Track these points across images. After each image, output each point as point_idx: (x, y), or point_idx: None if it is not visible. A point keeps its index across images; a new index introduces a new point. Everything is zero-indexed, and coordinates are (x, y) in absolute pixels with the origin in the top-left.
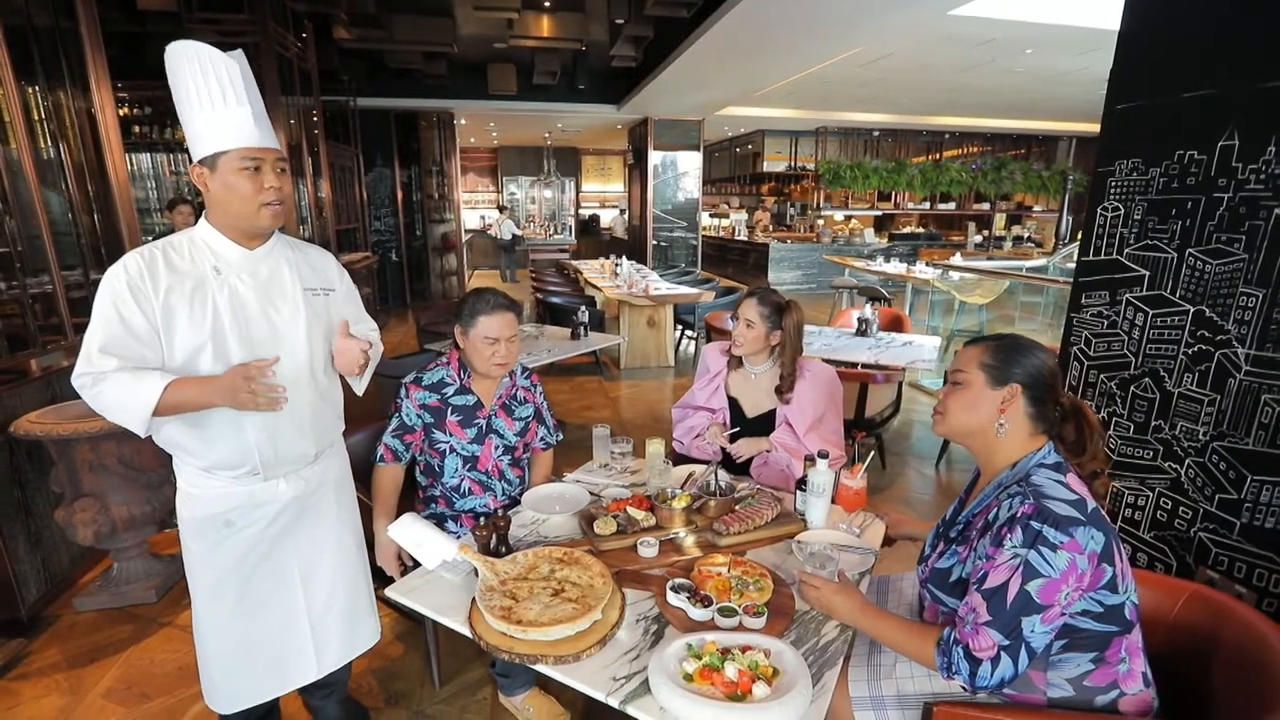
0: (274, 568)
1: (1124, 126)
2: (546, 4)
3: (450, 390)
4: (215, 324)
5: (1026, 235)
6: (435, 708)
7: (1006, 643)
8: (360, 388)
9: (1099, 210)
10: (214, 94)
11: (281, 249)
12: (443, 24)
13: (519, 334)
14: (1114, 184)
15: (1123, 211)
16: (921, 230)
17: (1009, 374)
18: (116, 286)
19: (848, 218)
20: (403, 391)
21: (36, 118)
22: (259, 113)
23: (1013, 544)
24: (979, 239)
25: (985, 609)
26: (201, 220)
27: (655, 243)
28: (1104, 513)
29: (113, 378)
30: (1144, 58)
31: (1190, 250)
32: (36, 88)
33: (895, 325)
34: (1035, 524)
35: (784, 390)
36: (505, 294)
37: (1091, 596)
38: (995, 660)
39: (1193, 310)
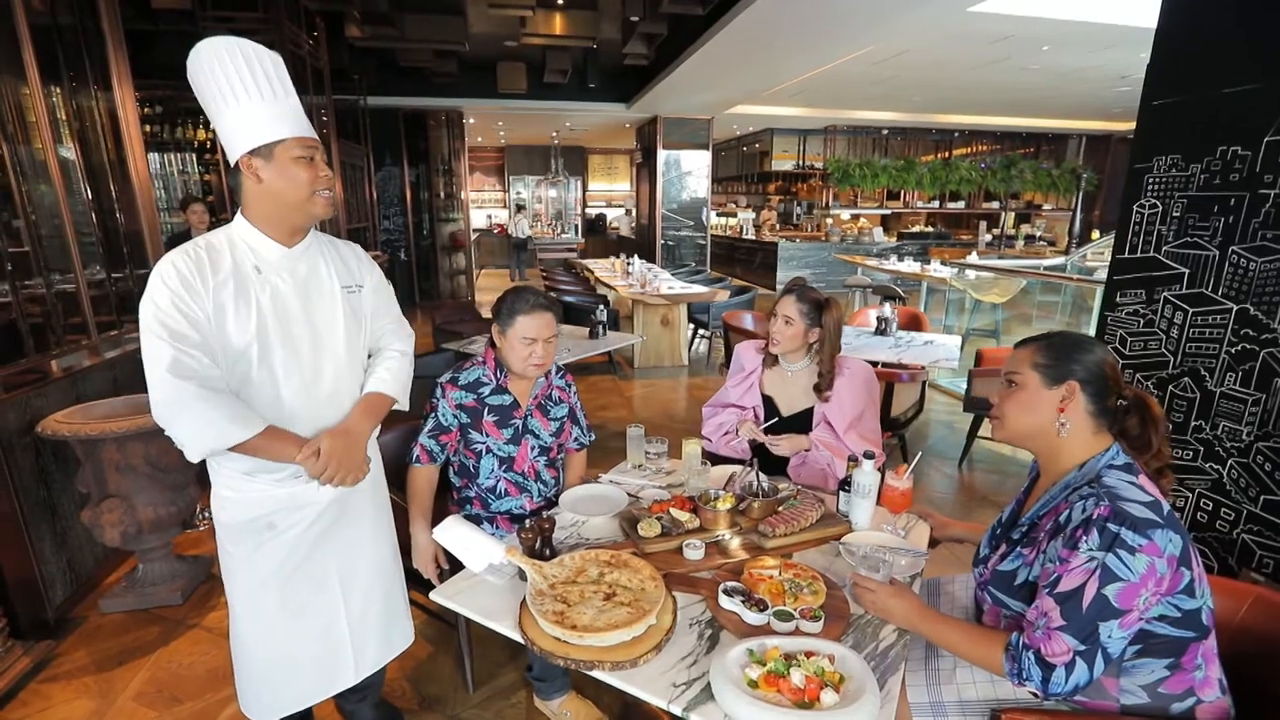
0: (313, 571)
1: (1162, 122)
2: (560, 1)
3: (486, 390)
4: (260, 324)
5: (1038, 234)
6: (470, 711)
7: (1083, 648)
8: (403, 402)
9: (1135, 207)
10: (261, 86)
11: (318, 246)
12: (455, 22)
13: (556, 334)
14: (1151, 180)
15: (1160, 208)
16: (930, 229)
17: (1065, 371)
18: (172, 285)
19: (855, 216)
20: (439, 391)
21: (61, 117)
22: (299, 104)
23: (1089, 547)
24: (989, 238)
25: (1059, 613)
26: (239, 218)
27: (664, 242)
28: (1178, 515)
29: (207, 405)
30: (1183, 52)
31: (1233, 247)
32: (60, 87)
33: (914, 324)
34: (1113, 526)
35: (823, 389)
36: (544, 293)
37: (1169, 601)
38: (1070, 666)
39: (1236, 308)
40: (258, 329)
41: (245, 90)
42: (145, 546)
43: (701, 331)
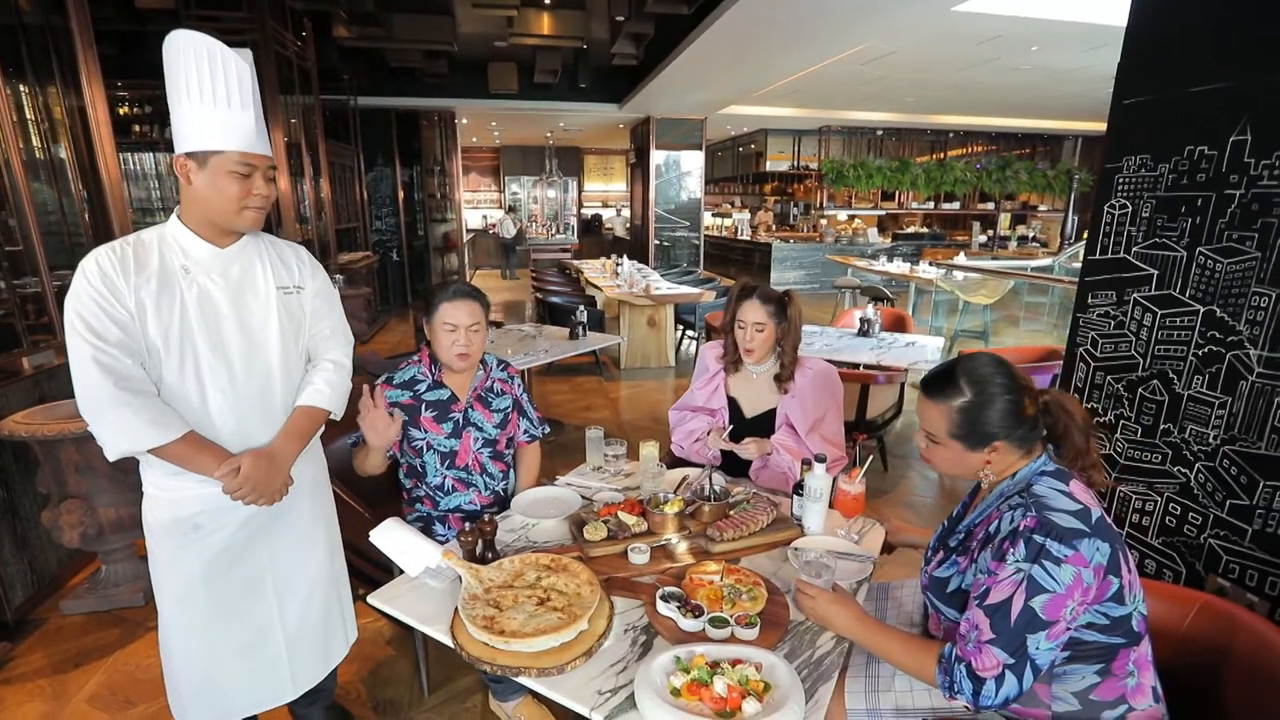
0: (245, 575)
1: (1132, 122)
2: (547, 1)
3: (423, 386)
4: (183, 323)
5: (1032, 235)
6: (424, 715)
7: (1011, 661)
8: (339, 413)
9: (1105, 208)
10: (218, 91)
11: (255, 246)
12: (442, 22)
13: (483, 325)
14: (1121, 181)
15: (1130, 209)
16: (925, 230)
17: (985, 437)
18: (94, 282)
19: (851, 217)
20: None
21: (29, 117)
22: (259, 118)
23: (1015, 559)
24: (983, 239)
25: (988, 626)
26: (173, 216)
27: (658, 242)
28: (1109, 521)
29: (124, 408)
30: (1152, 50)
31: (1200, 248)
32: (25, 86)
33: (898, 325)
34: (1038, 538)
35: (784, 379)
36: (473, 285)
37: (1096, 609)
38: (1000, 679)
39: (1203, 310)
40: (180, 328)
41: (200, 92)
42: (107, 548)
43: (689, 333)
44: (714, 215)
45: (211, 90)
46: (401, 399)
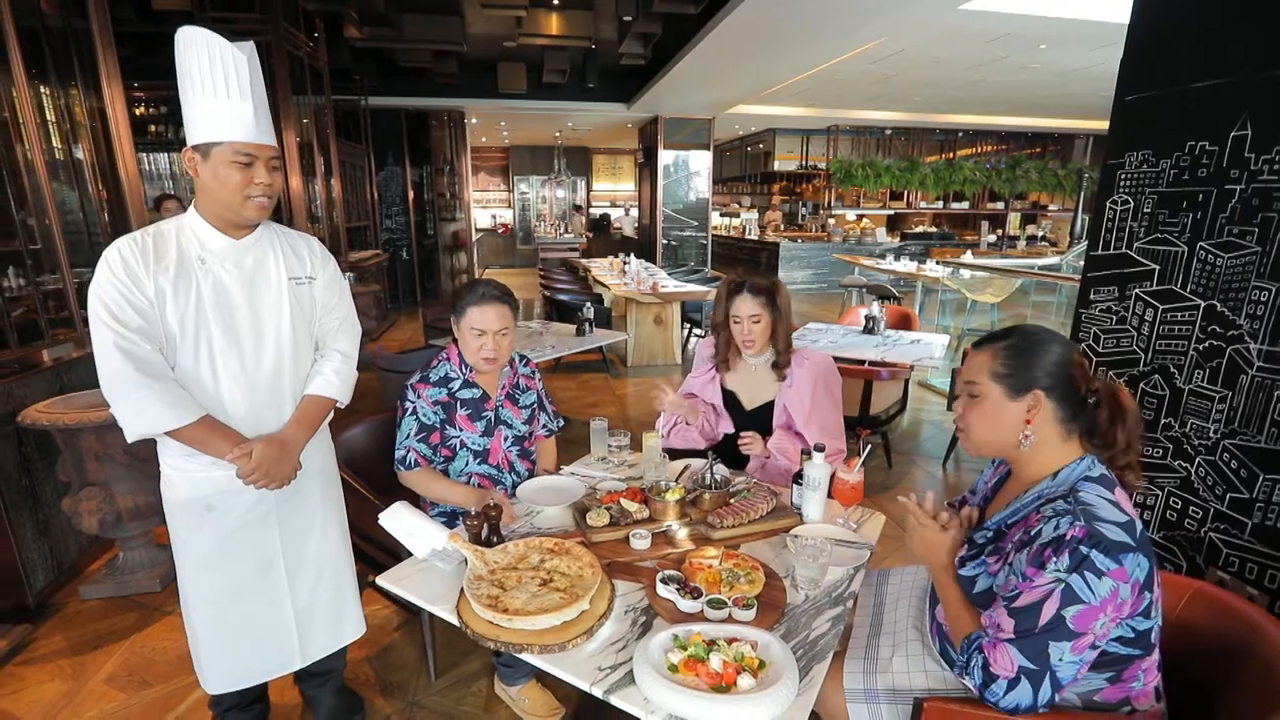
0: (256, 553)
1: (1133, 118)
2: (555, 1)
3: (456, 384)
4: (198, 311)
5: (1041, 234)
6: (431, 699)
7: (1031, 667)
8: (345, 401)
9: (1108, 204)
10: (218, 83)
11: (269, 238)
12: (452, 22)
13: (512, 328)
14: (1123, 176)
15: (1132, 204)
16: (934, 230)
17: (1027, 380)
18: (116, 271)
19: (860, 217)
20: (412, 393)
21: (51, 118)
22: (260, 109)
23: (1056, 568)
24: (992, 238)
25: (1011, 628)
26: (190, 209)
27: (666, 242)
28: (1146, 524)
29: (144, 390)
30: (1154, 47)
31: (1201, 243)
32: (47, 88)
33: (903, 323)
34: (1084, 548)
35: (782, 365)
36: (502, 285)
37: (1127, 623)
38: (1013, 682)
39: (1203, 305)
40: (196, 316)
41: (202, 85)
42: (125, 534)
43: (696, 330)
44: (722, 215)
45: (211, 82)
46: (440, 397)
